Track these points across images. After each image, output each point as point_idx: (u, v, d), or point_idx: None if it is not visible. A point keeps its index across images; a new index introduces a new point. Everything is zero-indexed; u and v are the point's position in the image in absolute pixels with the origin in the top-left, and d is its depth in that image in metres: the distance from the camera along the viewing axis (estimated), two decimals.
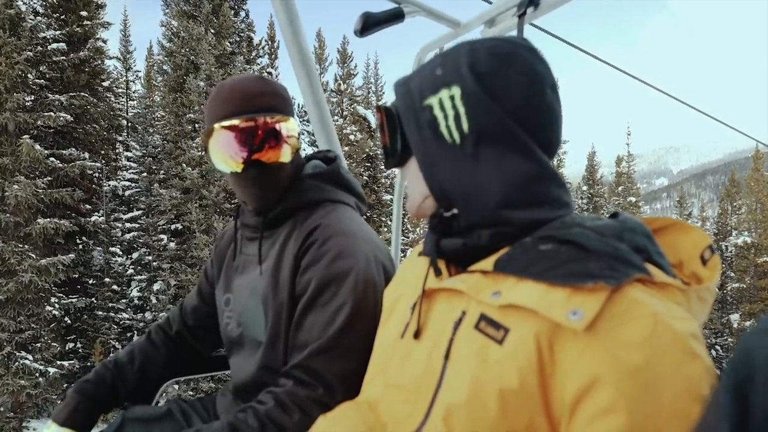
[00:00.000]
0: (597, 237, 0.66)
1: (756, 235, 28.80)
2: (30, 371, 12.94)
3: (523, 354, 0.62)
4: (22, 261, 12.97)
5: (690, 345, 0.57)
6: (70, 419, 1.24)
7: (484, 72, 0.72)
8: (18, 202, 12.91)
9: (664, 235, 0.77)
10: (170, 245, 16.31)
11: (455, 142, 0.73)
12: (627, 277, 0.61)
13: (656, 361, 0.56)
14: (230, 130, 1.11)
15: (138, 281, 16.69)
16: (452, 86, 0.73)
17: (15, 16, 13.51)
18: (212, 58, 16.47)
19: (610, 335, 0.58)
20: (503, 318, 0.66)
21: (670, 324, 0.58)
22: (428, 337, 0.76)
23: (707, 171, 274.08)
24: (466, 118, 0.72)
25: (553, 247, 0.67)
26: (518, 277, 0.67)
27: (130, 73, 21.23)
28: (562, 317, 0.60)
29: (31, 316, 13.32)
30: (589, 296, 0.60)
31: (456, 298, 0.74)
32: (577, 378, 0.58)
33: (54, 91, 14.72)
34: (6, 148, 13.47)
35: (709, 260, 0.72)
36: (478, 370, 0.65)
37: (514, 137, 0.72)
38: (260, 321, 1.16)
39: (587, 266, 0.63)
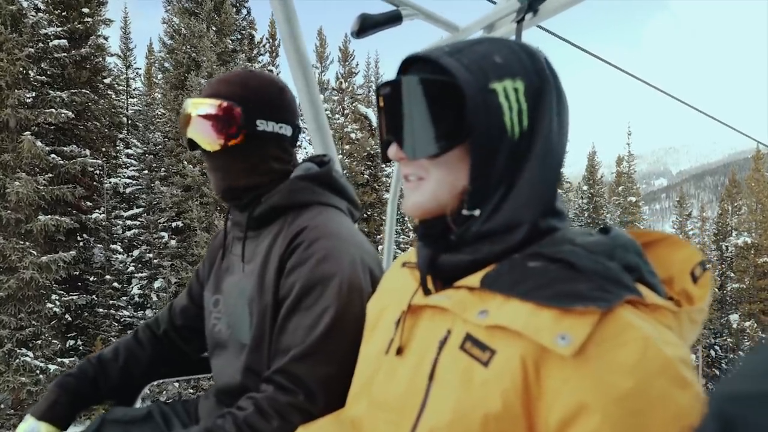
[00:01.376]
0: (587, 255, 0.64)
1: (756, 235, 28.85)
2: (30, 368, 12.94)
3: (508, 377, 0.60)
4: (23, 258, 12.97)
5: (680, 372, 0.56)
6: (49, 413, 1.21)
7: (545, 74, 0.71)
8: (19, 199, 12.90)
9: (656, 249, 0.75)
10: (171, 243, 16.31)
11: (513, 137, 0.69)
12: (618, 299, 0.59)
13: (645, 388, 0.54)
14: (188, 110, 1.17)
15: (139, 279, 16.69)
16: (516, 79, 0.69)
17: (16, 13, 13.49)
18: (213, 56, 16.45)
19: (599, 360, 0.56)
20: (489, 339, 0.64)
21: (660, 349, 0.56)
22: (412, 355, 0.72)
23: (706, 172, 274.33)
24: (527, 116, 0.69)
25: (542, 264, 0.65)
26: (505, 296, 0.64)
27: (131, 70, 21.22)
28: (550, 341, 0.58)
29: (31, 313, 13.32)
30: (578, 320, 0.58)
31: (441, 316, 0.71)
32: (563, 404, 0.57)
33: (55, 88, 14.70)
34: (7, 145, 13.45)
35: (700, 277, 0.70)
36: (461, 393, 0.63)
37: (554, 146, 0.71)
38: (245, 323, 1.15)
39: (577, 287, 0.61)
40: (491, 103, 0.68)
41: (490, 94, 0.68)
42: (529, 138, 0.69)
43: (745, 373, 0.35)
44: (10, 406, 13.17)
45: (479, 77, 0.68)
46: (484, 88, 0.68)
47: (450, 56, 0.70)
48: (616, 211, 27.02)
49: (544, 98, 0.70)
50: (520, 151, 0.69)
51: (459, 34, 1.74)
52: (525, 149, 0.70)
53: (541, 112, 0.70)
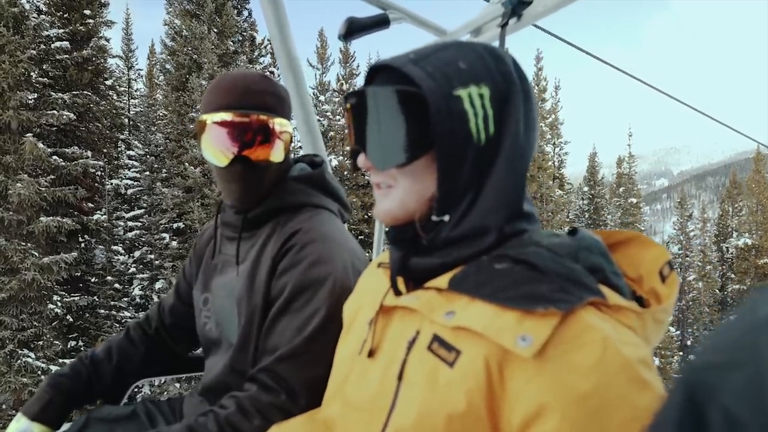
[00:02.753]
0: (551, 256, 0.65)
1: (757, 236, 28.81)
2: (32, 369, 12.95)
3: (472, 377, 0.61)
4: (24, 259, 12.99)
5: (639, 372, 0.56)
6: (42, 413, 1.18)
7: (512, 78, 0.70)
8: (21, 200, 12.93)
9: (626, 249, 0.76)
10: (172, 244, 16.33)
11: (480, 143, 0.69)
12: (580, 301, 0.59)
13: (604, 389, 0.55)
14: (223, 123, 1.09)
15: (140, 280, 16.71)
16: (481, 85, 0.68)
17: (19, 15, 13.53)
18: (215, 57, 16.48)
19: (559, 361, 0.57)
20: (455, 340, 0.64)
21: (619, 350, 0.56)
22: (384, 355, 0.73)
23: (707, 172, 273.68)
24: (493, 121, 0.69)
25: (507, 266, 0.66)
26: (471, 297, 0.65)
27: (132, 71, 21.25)
28: (511, 343, 0.59)
29: (33, 314, 13.34)
30: (539, 321, 0.59)
31: (410, 317, 0.72)
32: (524, 404, 0.57)
33: (57, 90, 14.73)
34: (9, 147, 13.48)
35: (668, 277, 0.71)
36: (427, 394, 0.64)
37: (521, 150, 0.71)
38: (233, 322, 1.15)
39: (539, 288, 0.61)
40: (456, 109, 0.68)
41: (454, 101, 0.68)
42: (495, 143, 0.69)
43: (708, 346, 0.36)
44: (12, 406, 13.18)
45: (443, 84, 0.68)
46: (449, 95, 0.68)
47: (414, 64, 0.70)
48: (616, 212, 26.99)
49: (511, 103, 0.70)
50: (487, 157, 0.69)
51: (446, 38, 1.75)
52: (492, 154, 0.70)
53: (508, 117, 0.70)
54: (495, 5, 1.58)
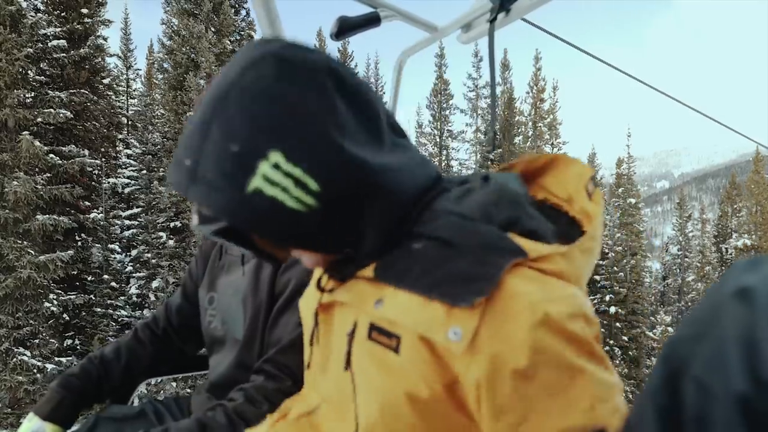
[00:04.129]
0: (463, 225, 0.63)
1: (756, 237, 28.81)
2: (28, 367, 12.95)
3: (419, 359, 0.60)
4: (20, 257, 13.00)
5: (569, 328, 0.56)
6: (54, 413, 1.21)
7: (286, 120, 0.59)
8: (17, 199, 12.94)
9: (553, 170, 0.75)
10: (169, 243, 16.33)
11: (311, 206, 0.60)
12: (500, 270, 0.57)
13: (538, 355, 0.55)
14: None
15: (137, 279, 16.71)
16: (269, 155, 0.57)
17: (16, 13, 13.55)
18: (212, 57, 16.50)
19: (490, 339, 0.56)
20: (391, 326, 0.63)
21: (547, 312, 0.56)
22: (334, 348, 0.74)
23: (708, 174, 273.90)
24: (308, 175, 0.59)
25: (423, 245, 0.64)
26: (396, 286, 0.63)
27: (131, 71, 21.29)
28: (443, 338, 0.58)
29: (29, 312, 13.35)
30: (465, 311, 0.57)
31: (347, 308, 0.71)
32: (472, 381, 0.58)
33: (54, 88, 14.76)
34: (6, 144, 13.50)
35: (593, 193, 0.70)
36: (382, 381, 0.63)
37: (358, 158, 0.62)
38: (239, 320, 1.18)
39: (458, 266, 0.59)
40: (264, 205, 0.58)
41: (254, 199, 0.58)
42: (330, 187, 0.60)
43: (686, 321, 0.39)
44: (8, 404, 13.18)
45: (232, 191, 0.58)
46: (245, 198, 0.58)
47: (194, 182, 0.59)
48: (615, 213, 26.99)
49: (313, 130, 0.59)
50: (334, 204, 0.61)
51: (437, 34, 1.76)
52: (337, 199, 0.61)
53: (323, 149, 0.59)
54: (483, 0, 1.59)
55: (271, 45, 0.62)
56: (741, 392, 0.31)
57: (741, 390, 0.32)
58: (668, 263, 33.08)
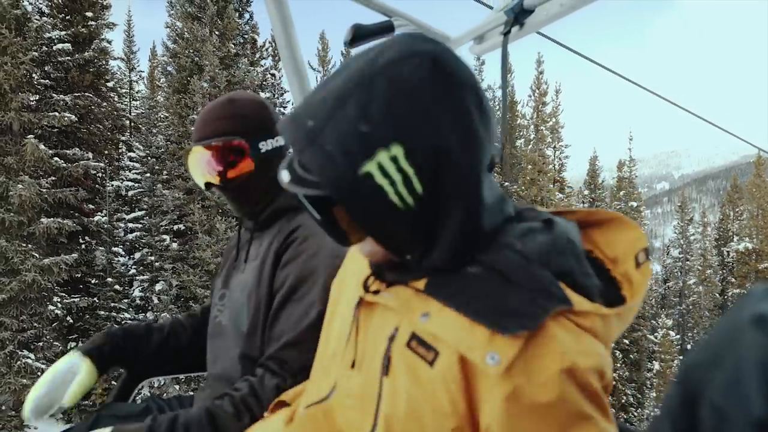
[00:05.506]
0: (522, 264, 0.65)
1: (757, 241, 28.79)
2: (32, 370, 12.96)
3: (450, 377, 0.64)
4: (25, 260, 13.01)
5: (589, 381, 0.61)
6: (91, 352, 1.27)
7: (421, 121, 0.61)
8: (22, 202, 12.95)
9: (607, 228, 0.77)
10: (172, 246, 16.34)
11: (409, 207, 0.63)
12: (546, 314, 0.62)
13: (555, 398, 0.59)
14: (193, 154, 1.24)
15: (140, 281, 16.72)
16: (391, 146, 0.60)
17: (21, 17, 13.58)
18: (216, 60, 16.52)
19: (520, 373, 0.61)
20: (433, 340, 0.66)
21: (574, 362, 0.60)
22: (368, 350, 0.75)
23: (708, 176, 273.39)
24: (417, 180, 0.62)
25: (479, 271, 0.67)
26: (443, 303, 0.67)
27: (134, 73, 21.31)
28: (481, 360, 0.61)
29: (33, 315, 13.36)
30: (507, 340, 0.61)
31: (391, 312, 0.73)
32: (486, 410, 0.62)
33: (58, 91, 14.78)
34: (10, 148, 13.52)
35: (642, 264, 0.72)
36: (412, 390, 0.67)
37: (466, 179, 0.65)
38: (244, 314, 1.23)
39: (508, 301, 0.63)
40: (368, 191, 0.61)
41: (364, 182, 0.61)
42: (431, 195, 0.63)
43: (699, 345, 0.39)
44: (12, 407, 13.19)
45: (346, 166, 0.60)
46: (355, 178, 0.60)
47: (311, 144, 0.61)
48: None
49: (441, 137, 0.62)
50: (428, 213, 0.65)
51: (450, 45, 1.78)
52: (432, 208, 0.65)
53: (440, 158, 0.62)
54: (498, 13, 1.61)
55: (427, 45, 0.64)
56: (758, 417, 0.32)
57: (758, 415, 0.32)
58: (669, 266, 33.06)
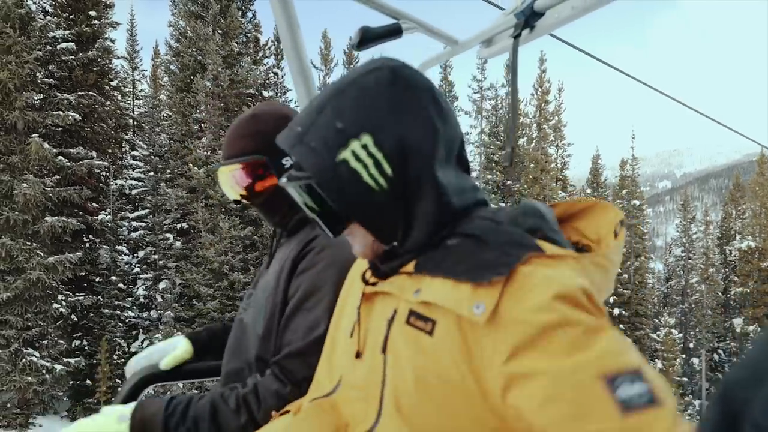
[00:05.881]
0: (492, 226, 0.74)
1: (760, 239, 28.73)
2: (37, 368, 13.03)
3: (450, 341, 0.69)
4: (30, 258, 13.07)
5: (578, 298, 0.65)
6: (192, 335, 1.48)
7: (384, 115, 0.75)
8: (26, 200, 13.01)
9: (590, 215, 0.84)
10: (176, 244, 16.40)
11: (382, 187, 0.74)
12: (518, 259, 0.68)
13: (554, 317, 0.63)
14: (222, 173, 1.32)
15: (144, 280, 16.80)
16: (362, 135, 0.73)
17: (25, 16, 13.63)
18: (219, 59, 16.55)
19: (512, 312, 0.65)
20: (429, 312, 0.72)
21: (561, 281, 0.65)
22: (370, 337, 0.81)
23: (710, 175, 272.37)
24: (386, 162, 0.74)
25: (458, 241, 0.75)
26: (432, 275, 0.74)
27: (137, 72, 21.35)
28: (469, 312, 0.67)
29: (38, 313, 13.42)
30: (488, 289, 0.67)
31: (389, 299, 0.80)
32: (497, 361, 0.65)
33: (62, 90, 14.83)
34: (15, 147, 13.58)
35: (619, 233, 0.80)
36: (416, 359, 0.71)
37: (431, 163, 0.76)
38: (261, 316, 1.26)
39: (485, 257, 0.70)
40: (345, 174, 0.73)
41: (341, 167, 0.73)
42: (400, 176, 0.75)
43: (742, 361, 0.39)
44: (17, 405, 13.26)
45: (326, 155, 0.73)
46: (333, 164, 0.73)
47: (300, 142, 0.75)
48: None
49: (402, 129, 0.75)
50: (399, 192, 0.76)
51: (458, 48, 1.77)
52: (402, 189, 0.76)
53: (405, 149, 0.75)
54: (507, 16, 1.58)
55: (388, 61, 0.80)
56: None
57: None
58: (672, 265, 33.01)
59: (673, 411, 0.58)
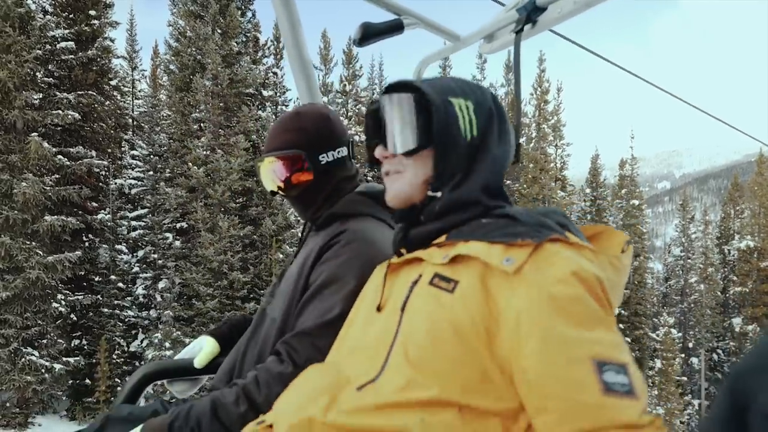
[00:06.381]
0: (526, 212, 0.87)
1: (759, 239, 28.76)
2: (36, 367, 13.02)
3: (470, 297, 0.77)
4: (29, 258, 13.07)
5: (593, 285, 0.74)
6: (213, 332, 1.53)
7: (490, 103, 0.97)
8: (26, 199, 13.01)
9: (600, 240, 0.95)
10: (175, 243, 16.39)
11: (466, 139, 0.92)
12: (548, 235, 0.79)
13: (569, 292, 0.72)
14: (264, 164, 1.38)
15: (143, 279, 16.78)
16: (468, 99, 0.94)
17: (25, 15, 13.63)
18: (218, 58, 16.55)
19: (534, 275, 0.75)
20: (453, 273, 0.81)
21: (581, 265, 0.75)
22: (392, 299, 0.89)
23: (710, 175, 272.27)
24: (476, 126, 0.93)
25: (493, 220, 0.88)
26: (465, 241, 0.84)
27: (136, 72, 21.34)
28: (498, 263, 0.77)
29: (37, 312, 13.42)
30: (519, 249, 0.78)
31: (416, 266, 0.89)
32: (510, 315, 0.74)
33: (62, 90, 14.83)
34: (14, 146, 13.57)
35: (626, 250, 0.92)
36: (434, 311, 0.79)
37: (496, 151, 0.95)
38: (283, 303, 1.28)
39: (517, 229, 0.82)
40: (450, 111, 0.91)
41: (449, 105, 0.91)
42: (479, 142, 0.94)
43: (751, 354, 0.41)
44: (16, 404, 13.25)
45: (441, 94, 0.92)
46: (445, 101, 0.91)
47: (425, 82, 0.94)
48: (618, 214, 26.98)
49: (489, 118, 0.95)
50: (472, 150, 0.93)
51: (459, 44, 1.76)
52: (475, 149, 0.93)
53: (487, 126, 0.95)
54: (509, 12, 1.59)
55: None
56: None
57: None
58: (671, 264, 33.02)
59: (645, 407, 0.67)
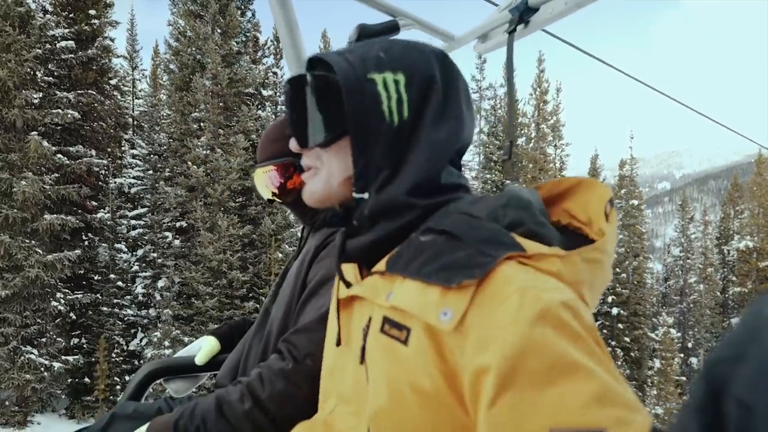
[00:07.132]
0: (469, 222, 0.68)
1: (758, 239, 28.79)
2: (35, 366, 13.03)
3: (424, 351, 0.62)
4: (28, 256, 13.08)
5: (559, 316, 0.56)
6: (215, 332, 1.60)
7: (432, 72, 0.77)
8: (25, 198, 13.02)
9: (576, 194, 0.77)
10: (175, 243, 16.40)
11: (393, 124, 0.74)
12: (494, 260, 0.61)
13: (526, 338, 0.54)
14: (256, 175, 1.44)
15: (142, 278, 16.79)
16: (398, 72, 0.75)
17: (25, 14, 13.64)
18: (218, 58, 16.56)
19: (482, 323, 0.58)
20: (403, 318, 0.66)
21: (538, 296, 0.57)
22: (351, 345, 0.78)
23: (709, 176, 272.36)
24: (407, 105, 0.74)
25: (431, 238, 0.69)
26: (403, 276, 0.68)
27: (137, 71, 21.35)
28: (435, 319, 0.61)
29: (36, 311, 13.43)
30: (458, 293, 0.61)
31: (363, 304, 0.75)
32: (467, 372, 0.58)
33: (62, 89, 14.84)
34: (14, 145, 13.58)
35: (609, 214, 0.72)
36: (391, 370, 0.65)
37: (439, 135, 0.76)
38: (284, 301, 1.30)
39: (457, 256, 0.64)
40: (369, 91, 0.73)
41: (368, 83, 0.73)
42: (411, 126, 0.75)
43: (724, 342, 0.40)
44: (15, 403, 13.26)
45: (358, 69, 0.74)
46: (362, 78, 0.73)
47: (338, 54, 0.76)
48: (618, 213, 26.99)
49: (426, 92, 0.76)
50: (402, 138, 0.75)
51: (454, 44, 1.79)
52: (407, 136, 0.75)
53: (422, 104, 0.75)
54: (502, 12, 1.61)
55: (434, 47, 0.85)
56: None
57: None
58: (670, 265, 33.04)
59: None
